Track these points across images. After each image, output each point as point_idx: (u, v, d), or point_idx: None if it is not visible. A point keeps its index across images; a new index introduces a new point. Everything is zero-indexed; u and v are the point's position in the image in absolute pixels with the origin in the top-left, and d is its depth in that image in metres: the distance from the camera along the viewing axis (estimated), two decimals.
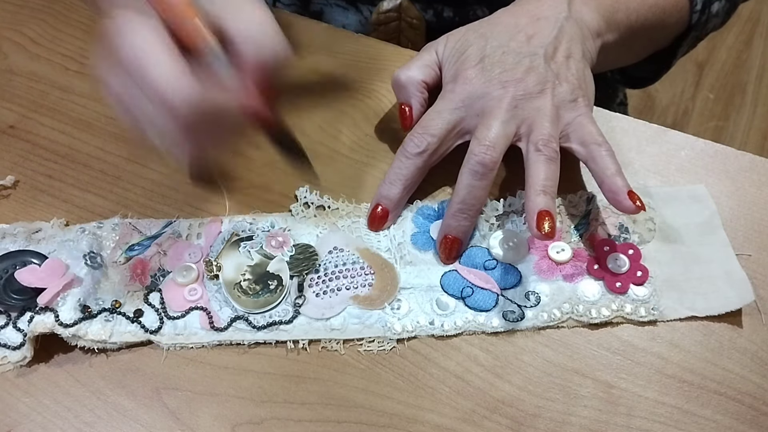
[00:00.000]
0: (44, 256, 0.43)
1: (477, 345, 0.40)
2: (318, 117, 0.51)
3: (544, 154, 0.41)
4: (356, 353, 0.40)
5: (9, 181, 0.48)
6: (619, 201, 0.41)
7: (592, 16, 0.47)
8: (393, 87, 0.48)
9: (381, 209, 0.44)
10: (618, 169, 0.41)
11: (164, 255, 0.44)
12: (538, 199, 0.40)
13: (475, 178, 0.42)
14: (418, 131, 0.44)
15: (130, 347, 0.41)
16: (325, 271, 0.43)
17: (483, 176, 0.42)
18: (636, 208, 0.40)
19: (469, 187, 0.42)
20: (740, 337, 0.40)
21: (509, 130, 0.43)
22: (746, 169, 0.47)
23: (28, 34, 0.58)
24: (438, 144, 0.44)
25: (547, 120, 0.43)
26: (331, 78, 0.53)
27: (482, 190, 0.42)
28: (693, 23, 0.54)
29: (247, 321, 0.41)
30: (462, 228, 0.43)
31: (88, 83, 0.54)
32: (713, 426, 0.37)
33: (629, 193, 0.40)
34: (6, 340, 0.40)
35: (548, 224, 0.39)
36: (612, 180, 0.41)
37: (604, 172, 0.41)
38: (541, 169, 0.41)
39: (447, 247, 0.43)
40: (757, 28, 1.66)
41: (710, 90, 1.56)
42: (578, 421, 0.37)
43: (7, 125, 0.52)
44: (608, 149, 0.42)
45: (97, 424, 0.38)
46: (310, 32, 0.56)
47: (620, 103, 0.77)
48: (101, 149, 0.50)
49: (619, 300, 0.41)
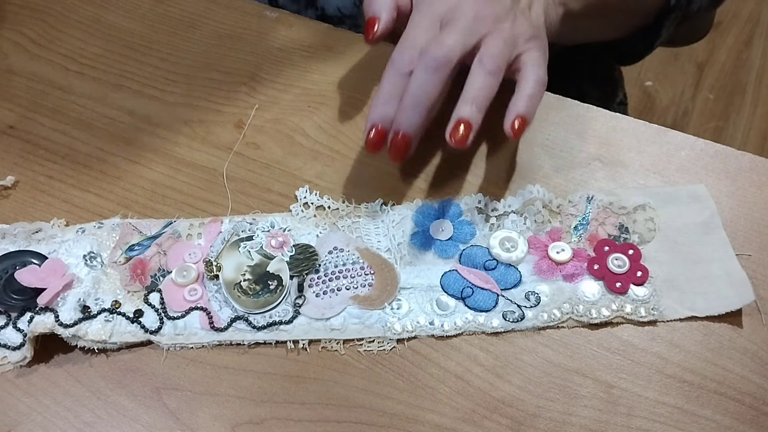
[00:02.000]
0: (44, 257, 0.43)
1: (477, 345, 0.40)
2: (318, 117, 0.51)
3: (486, 66, 0.42)
4: (356, 353, 0.40)
5: (9, 182, 0.48)
6: (506, 120, 0.42)
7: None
8: (364, 4, 0.48)
9: (377, 130, 0.44)
10: (531, 94, 0.43)
11: (164, 255, 0.44)
12: (464, 107, 0.41)
13: (426, 73, 0.42)
14: (406, 46, 0.44)
15: (130, 347, 0.41)
16: (325, 271, 0.43)
17: (435, 71, 0.42)
18: (511, 131, 0.41)
19: (420, 80, 0.42)
20: (740, 337, 0.40)
21: (468, 41, 0.43)
22: (746, 169, 0.47)
23: (28, 34, 0.58)
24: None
25: (501, 40, 0.43)
26: (331, 78, 0.53)
27: (432, 86, 0.42)
28: (673, 2, 0.54)
29: (247, 321, 0.41)
30: (412, 123, 0.43)
31: (88, 83, 0.54)
32: (713, 426, 0.37)
33: (519, 116, 0.42)
34: (6, 341, 0.40)
35: (463, 131, 0.40)
36: (517, 100, 0.42)
37: (519, 92, 0.43)
38: (477, 80, 0.42)
39: (395, 145, 0.43)
40: (757, 28, 1.66)
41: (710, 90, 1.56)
42: (578, 421, 0.37)
43: (7, 125, 0.52)
44: (539, 77, 0.43)
45: (97, 424, 0.38)
46: (311, 32, 0.57)
47: (620, 103, 0.77)
48: (101, 149, 0.50)
49: (619, 300, 0.41)
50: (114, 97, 0.53)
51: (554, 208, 0.45)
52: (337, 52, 0.55)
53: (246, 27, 0.57)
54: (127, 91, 0.53)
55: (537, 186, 0.45)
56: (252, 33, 0.57)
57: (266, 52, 0.55)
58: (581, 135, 0.49)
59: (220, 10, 0.58)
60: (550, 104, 0.50)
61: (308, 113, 0.51)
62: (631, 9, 0.55)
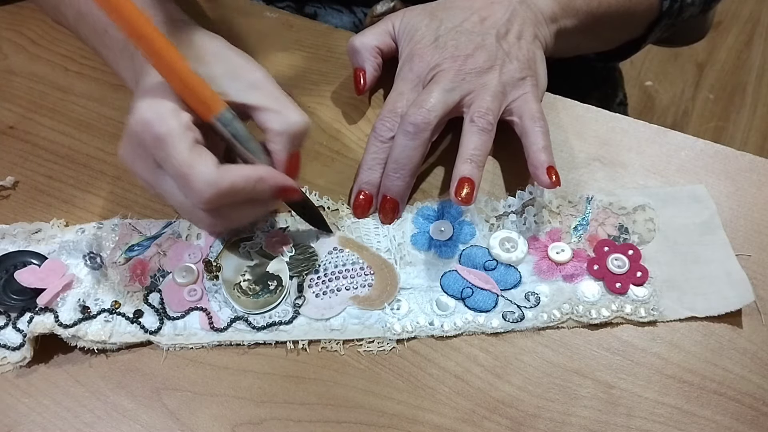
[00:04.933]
0: (44, 257, 0.43)
1: (477, 345, 0.40)
2: (318, 117, 0.51)
3: (478, 125, 0.43)
4: (356, 354, 0.40)
5: (9, 182, 0.48)
6: (537, 175, 0.43)
7: (547, 2, 0.49)
8: (348, 53, 0.50)
9: (364, 195, 0.45)
10: (545, 146, 0.43)
11: (164, 255, 0.44)
12: (464, 166, 0.42)
13: (406, 138, 0.43)
14: (386, 115, 0.45)
15: (130, 348, 0.41)
16: (324, 272, 0.43)
17: (414, 136, 0.43)
18: (551, 183, 0.42)
19: (401, 146, 0.44)
20: (740, 338, 0.40)
21: (450, 99, 0.44)
22: (746, 169, 0.47)
23: (28, 35, 0.58)
24: None
25: (489, 94, 0.44)
26: (331, 78, 0.53)
27: (413, 150, 0.43)
28: (664, 10, 0.55)
29: (246, 321, 0.41)
30: (396, 188, 0.44)
31: (88, 84, 0.54)
32: (713, 426, 0.37)
33: (548, 168, 0.42)
34: (6, 341, 0.40)
35: (467, 190, 0.41)
36: (536, 154, 0.43)
37: (531, 146, 0.43)
38: (472, 140, 0.43)
39: (384, 208, 0.45)
40: (757, 28, 1.66)
41: (710, 90, 1.56)
42: (578, 422, 0.37)
43: (7, 126, 0.52)
44: (542, 126, 0.44)
45: (97, 425, 0.38)
46: (311, 32, 0.56)
47: (620, 103, 0.77)
48: (101, 149, 0.50)
49: (619, 300, 0.41)
50: (114, 97, 0.53)
51: (554, 208, 0.45)
52: (337, 52, 0.55)
53: (246, 27, 0.57)
54: (127, 91, 0.53)
55: (537, 186, 0.45)
56: (252, 33, 0.57)
57: (266, 52, 0.55)
58: (581, 135, 0.49)
59: (221, 10, 0.58)
60: (550, 104, 0.50)
61: (308, 113, 0.51)
62: (623, 24, 0.55)
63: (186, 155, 0.36)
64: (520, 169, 0.47)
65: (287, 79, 0.53)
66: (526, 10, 0.48)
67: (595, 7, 0.51)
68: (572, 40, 0.52)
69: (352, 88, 0.52)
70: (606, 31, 0.55)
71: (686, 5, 0.56)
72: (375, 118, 0.51)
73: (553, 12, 0.49)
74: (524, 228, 0.44)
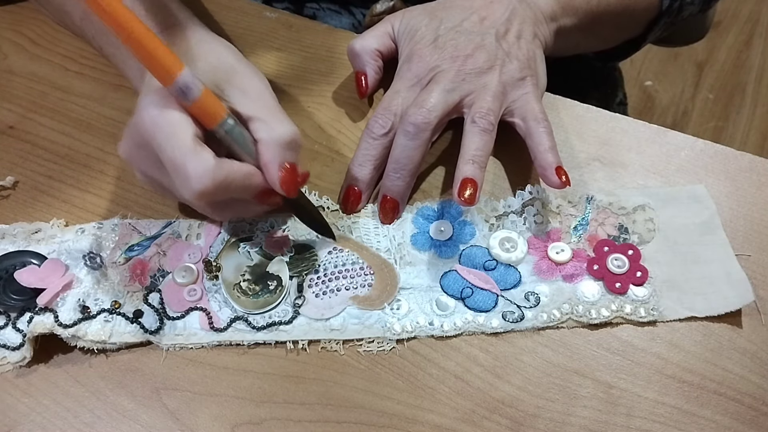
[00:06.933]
0: (44, 257, 0.43)
1: (477, 345, 0.40)
2: (318, 117, 0.51)
3: (479, 126, 0.43)
4: (356, 354, 0.40)
5: (9, 182, 0.48)
6: (546, 176, 0.43)
7: (546, 0, 0.49)
8: (348, 56, 0.51)
9: (353, 192, 0.45)
10: (551, 146, 0.43)
11: (164, 255, 0.44)
12: (466, 167, 0.42)
13: (407, 138, 0.43)
14: (381, 112, 0.46)
15: (130, 348, 0.41)
16: (324, 272, 0.43)
17: (414, 136, 0.43)
18: (561, 183, 0.42)
19: (401, 146, 0.44)
20: (740, 338, 0.40)
21: (450, 99, 0.44)
22: (746, 169, 0.47)
23: (28, 35, 0.58)
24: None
25: (489, 95, 0.44)
26: (331, 78, 0.53)
27: (414, 150, 0.44)
28: (664, 9, 0.55)
29: (246, 321, 0.41)
30: (396, 188, 0.44)
31: (88, 84, 0.54)
32: (713, 426, 0.37)
33: (557, 168, 0.42)
34: (5, 341, 0.40)
35: (470, 191, 0.41)
36: (544, 155, 0.43)
37: (537, 147, 0.43)
38: (473, 140, 0.43)
39: (384, 208, 0.45)
40: (757, 28, 1.66)
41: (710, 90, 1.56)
42: (578, 422, 0.37)
43: (7, 125, 0.52)
44: (546, 127, 0.44)
45: (97, 425, 0.38)
46: (310, 32, 0.57)
47: (620, 103, 0.77)
48: (101, 149, 0.50)
49: (618, 300, 0.41)
50: (114, 97, 0.53)
51: (554, 208, 0.45)
52: (337, 52, 0.55)
53: (246, 27, 0.57)
54: (127, 91, 0.53)
55: (537, 186, 0.45)
56: (252, 33, 0.57)
57: (266, 52, 0.55)
58: (581, 135, 0.49)
59: (220, 11, 0.58)
60: (550, 104, 0.50)
61: (308, 113, 0.51)
62: (622, 23, 0.55)
63: (189, 143, 0.36)
64: (520, 169, 0.47)
65: (287, 79, 0.53)
66: (525, 9, 0.48)
67: (594, 5, 0.51)
68: (572, 39, 0.52)
69: (352, 88, 0.52)
70: (605, 29, 0.55)
71: (686, 4, 0.56)
72: None
73: (553, 10, 0.49)
74: (524, 228, 0.44)
